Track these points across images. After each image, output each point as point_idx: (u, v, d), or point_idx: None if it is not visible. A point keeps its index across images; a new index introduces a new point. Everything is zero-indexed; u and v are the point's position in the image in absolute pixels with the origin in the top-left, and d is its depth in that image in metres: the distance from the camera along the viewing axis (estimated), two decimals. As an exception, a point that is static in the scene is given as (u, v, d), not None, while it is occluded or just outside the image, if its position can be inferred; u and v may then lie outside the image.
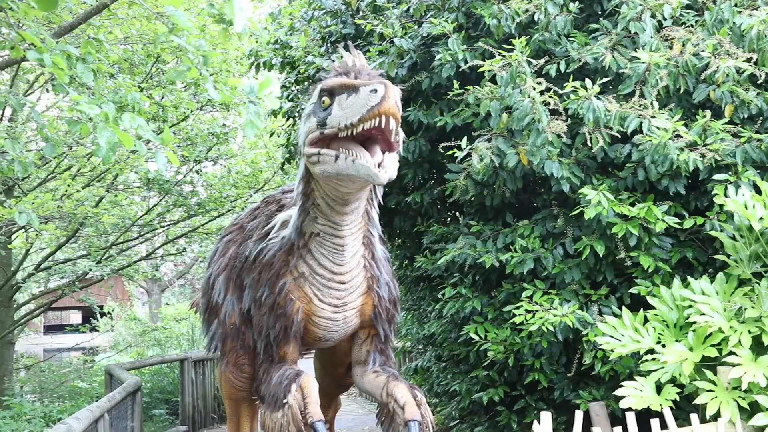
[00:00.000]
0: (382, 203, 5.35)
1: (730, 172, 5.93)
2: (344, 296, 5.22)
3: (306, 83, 9.49)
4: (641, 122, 5.89)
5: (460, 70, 6.69)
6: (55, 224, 13.66)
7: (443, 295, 7.10)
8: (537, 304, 6.21)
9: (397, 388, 5.09)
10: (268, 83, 3.29)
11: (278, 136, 11.24)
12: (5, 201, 10.92)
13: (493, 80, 6.40)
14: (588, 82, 6.05)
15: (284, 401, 4.88)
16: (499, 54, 6.22)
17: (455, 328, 7.63)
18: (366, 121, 4.21)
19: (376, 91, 4.17)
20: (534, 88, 5.98)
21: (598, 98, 6.01)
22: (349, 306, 5.29)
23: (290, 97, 9.98)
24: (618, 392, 5.41)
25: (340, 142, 4.45)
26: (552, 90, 6.12)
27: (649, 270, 5.99)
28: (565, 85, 6.13)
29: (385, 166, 4.39)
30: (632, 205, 6.10)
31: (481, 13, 6.70)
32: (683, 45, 6.10)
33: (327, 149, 4.50)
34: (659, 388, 5.41)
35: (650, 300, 5.79)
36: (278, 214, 5.44)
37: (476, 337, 6.67)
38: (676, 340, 5.51)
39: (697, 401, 5.18)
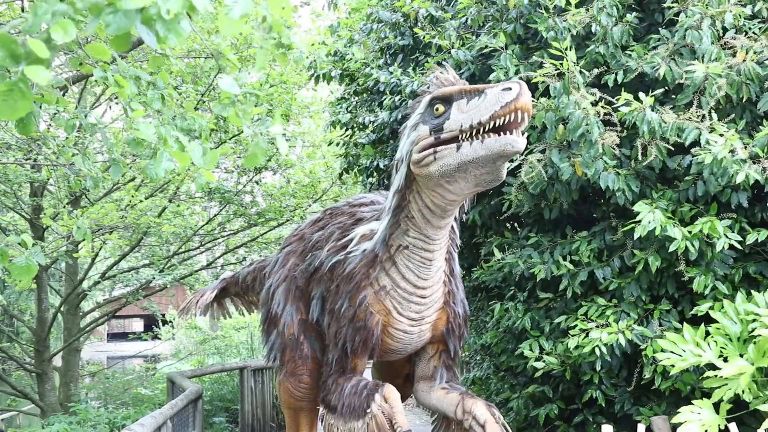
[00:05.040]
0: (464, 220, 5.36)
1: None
2: (423, 310, 5.24)
3: (365, 95, 9.56)
4: (700, 133, 5.79)
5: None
6: (120, 234, 13.96)
7: (501, 305, 7.09)
8: (591, 320, 6.14)
9: (476, 406, 5.07)
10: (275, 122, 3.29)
11: (336, 146, 11.34)
12: (72, 211, 11.22)
13: (546, 93, 6.36)
14: (641, 94, 5.96)
15: (367, 410, 4.92)
16: (551, 63, 6.18)
17: (513, 339, 7.59)
18: (498, 117, 4.13)
19: (510, 89, 4.13)
20: (585, 98, 5.92)
21: (653, 109, 5.92)
22: (425, 320, 5.31)
23: (349, 108, 10.07)
24: (675, 420, 5.30)
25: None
26: (605, 101, 6.05)
27: (705, 290, 5.87)
28: (617, 98, 6.05)
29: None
30: (694, 217, 6.00)
31: (538, 27, 6.66)
32: (746, 53, 5.98)
33: (444, 145, 4.43)
34: (718, 407, 5.29)
35: (712, 314, 5.67)
36: (355, 227, 5.48)
37: (529, 354, 6.63)
38: (740, 355, 5.40)
39: (765, 426, 5.02)
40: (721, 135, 5.69)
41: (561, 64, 6.09)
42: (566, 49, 6.10)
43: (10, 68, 1.87)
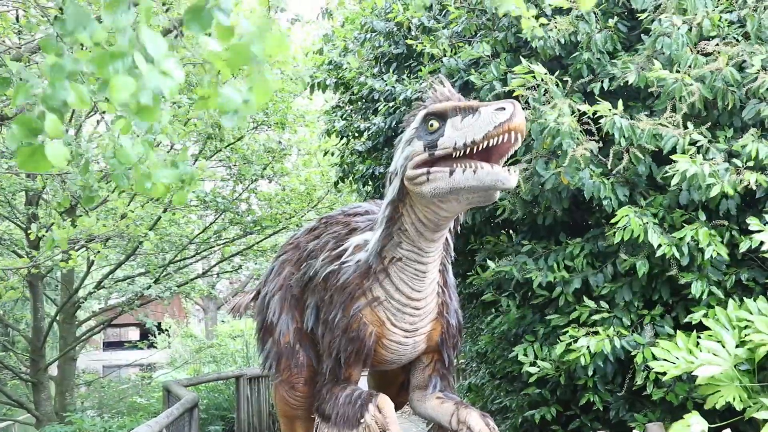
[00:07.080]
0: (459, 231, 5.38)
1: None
2: (417, 321, 5.24)
3: (359, 103, 9.60)
4: (677, 141, 5.80)
5: (505, 91, 6.69)
6: (114, 242, 13.93)
7: (495, 310, 7.10)
8: (583, 326, 6.16)
9: (470, 416, 5.06)
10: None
11: (332, 155, 11.36)
12: (65, 220, 11.21)
13: (527, 103, 6.40)
14: (603, 100, 5.98)
15: (361, 420, 4.94)
16: (523, 78, 6.21)
17: (508, 345, 7.60)
18: (492, 137, 4.17)
19: (504, 108, 4.17)
20: (558, 108, 5.94)
21: (632, 117, 5.94)
22: (420, 331, 5.31)
23: (344, 116, 10.11)
24: None
25: (451, 160, 4.41)
26: (583, 111, 6.08)
27: (702, 296, 5.88)
28: (585, 110, 6.07)
29: (508, 169, 4.30)
30: (684, 224, 6.01)
31: (525, 36, 6.69)
32: (727, 57, 5.96)
33: (437, 167, 4.45)
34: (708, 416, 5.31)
35: (705, 321, 5.69)
36: (349, 237, 5.49)
37: (524, 359, 6.64)
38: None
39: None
40: (694, 144, 5.70)
41: (533, 76, 6.13)
42: (563, 59, 6.14)
43: (30, 142, 2.08)
